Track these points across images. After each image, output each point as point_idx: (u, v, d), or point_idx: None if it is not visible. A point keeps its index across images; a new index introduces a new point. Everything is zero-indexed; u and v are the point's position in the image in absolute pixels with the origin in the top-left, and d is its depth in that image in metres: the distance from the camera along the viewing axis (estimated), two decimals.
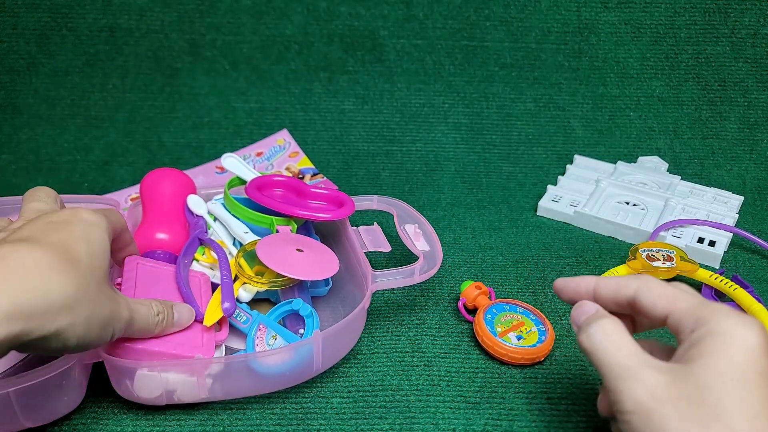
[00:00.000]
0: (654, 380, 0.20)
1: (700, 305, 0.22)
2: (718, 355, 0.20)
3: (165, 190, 0.41)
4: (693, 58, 0.58)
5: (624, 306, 0.25)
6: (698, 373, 0.20)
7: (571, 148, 0.58)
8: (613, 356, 0.22)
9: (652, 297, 0.24)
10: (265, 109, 0.60)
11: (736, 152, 0.57)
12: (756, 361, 0.20)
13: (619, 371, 0.21)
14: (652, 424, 0.20)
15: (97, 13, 0.58)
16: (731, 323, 0.21)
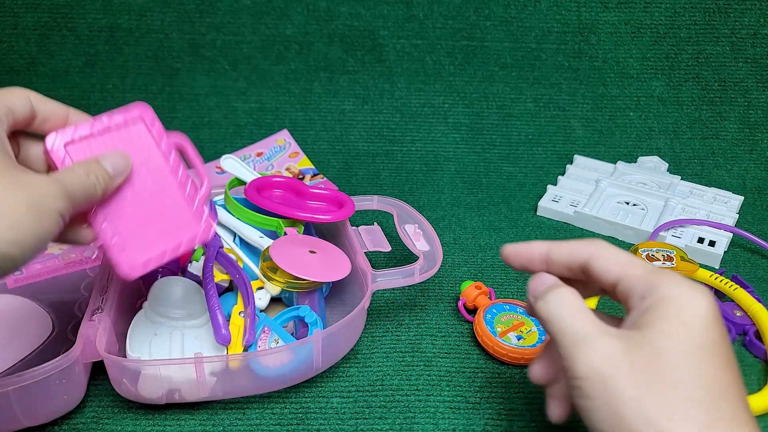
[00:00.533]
0: (610, 347, 0.20)
1: (652, 272, 0.22)
2: (672, 321, 0.20)
3: None
4: (693, 58, 0.58)
5: (576, 271, 0.24)
6: (653, 339, 0.20)
7: (571, 148, 0.58)
8: (569, 323, 0.21)
9: (606, 263, 0.23)
10: (265, 109, 0.60)
11: (736, 152, 0.57)
12: (709, 329, 0.20)
13: (576, 338, 0.21)
14: (607, 390, 0.19)
15: (97, 13, 0.58)
16: (683, 290, 0.21)
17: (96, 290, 0.35)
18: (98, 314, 0.33)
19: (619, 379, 0.19)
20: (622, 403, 0.19)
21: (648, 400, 0.19)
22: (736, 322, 0.38)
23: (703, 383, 0.19)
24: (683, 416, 0.18)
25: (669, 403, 0.19)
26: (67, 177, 0.25)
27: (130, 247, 0.28)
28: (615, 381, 0.19)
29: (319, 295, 0.37)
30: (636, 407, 0.19)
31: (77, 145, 0.27)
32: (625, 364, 0.19)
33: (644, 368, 0.19)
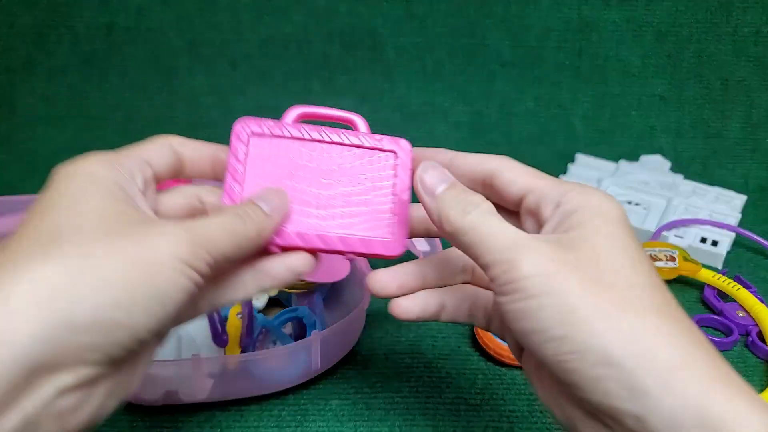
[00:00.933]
0: (547, 248, 0.19)
1: (560, 183, 0.22)
2: (599, 222, 0.20)
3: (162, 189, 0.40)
4: (695, 57, 0.58)
5: (478, 184, 0.23)
6: (587, 236, 0.19)
7: (573, 146, 0.57)
8: (499, 231, 0.20)
9: (512, 175, 0.23)
10: (264, 108, 0.60)
11: (739, 151, 0.56)
12: (629, 231, 0.20)
13: (509, 243, 0.19)
14: (554, 286, 0.18)
15: (95, 12, 0.58)
16: (596, 197, 0.21)
17: None
18: None
19: (564, 274, 0.18)
20: (572, 296, 0.18)
21: (597, 290, 0.18)
22: (739, 323, 0.38)
23: (643, 275, 0.19)
24: (635, 303, 0.18)
25: (619, 292, 0.18)
26: (205, 222, 0.20)
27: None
28: (560, 277, 0.18)
29: (318, 297, 0.37)
30: (586, 298, 0.18)
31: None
32: (566, 261, 0.18)
33: (587, 263, 0.19)
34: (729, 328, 0.38)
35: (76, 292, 0.17)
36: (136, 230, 0.19)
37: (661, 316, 0.18)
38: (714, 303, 0.40)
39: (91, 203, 0.19)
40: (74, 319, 0.16)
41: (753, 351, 0.37)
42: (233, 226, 0.21)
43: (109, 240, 0.18)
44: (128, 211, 0.19)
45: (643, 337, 0.17)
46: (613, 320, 0.17)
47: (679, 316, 0.18)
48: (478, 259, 0.20)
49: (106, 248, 0.18)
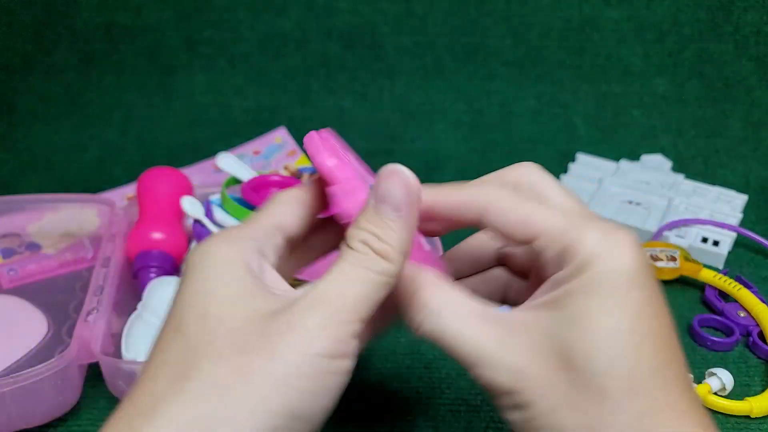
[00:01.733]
0: (513, 360, 0.17)
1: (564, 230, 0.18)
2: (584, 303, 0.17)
3: (161, 189, 0.40)
4: (696, 56, 0.58)
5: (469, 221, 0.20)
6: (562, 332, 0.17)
7: (574, 146, 0.57)
8: (458, 346, 0.18)
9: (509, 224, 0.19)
10: (262, 106, 0.59)
11: (740, 151, 0.56)
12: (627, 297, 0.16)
13: (471, 361, 0.17)
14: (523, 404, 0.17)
15: (93, 10, 0.57)
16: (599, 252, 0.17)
17: (91, 291, 0.34)
18: (93, 315, 0.32)
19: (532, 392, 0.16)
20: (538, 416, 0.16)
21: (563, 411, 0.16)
22: (740, 323, 0.38)
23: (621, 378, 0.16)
24: (600, 424, 0.16)
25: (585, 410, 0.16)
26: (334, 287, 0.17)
27: None
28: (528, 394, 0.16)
29: None
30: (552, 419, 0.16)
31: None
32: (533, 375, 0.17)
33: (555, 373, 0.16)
34: (730, 329, 0.38)
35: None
36: (271, 330, 0.16)
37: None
38: (715, 303, 0.39)
39: (224, 305, 0.17)
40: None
41: (754, 351, 0.37)
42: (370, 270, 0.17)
43: (241, 359, 0.16)
44: (263, 304, 0.17)
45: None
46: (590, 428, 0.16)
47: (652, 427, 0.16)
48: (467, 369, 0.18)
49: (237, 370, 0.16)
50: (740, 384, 0.34)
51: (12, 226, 0.43)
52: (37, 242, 0.42)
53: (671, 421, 0.16)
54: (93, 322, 0.32)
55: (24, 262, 0.41)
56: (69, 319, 0.37)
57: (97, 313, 0.32)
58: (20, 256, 0.41)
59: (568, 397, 0.16)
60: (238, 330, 0.17)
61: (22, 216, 0.43)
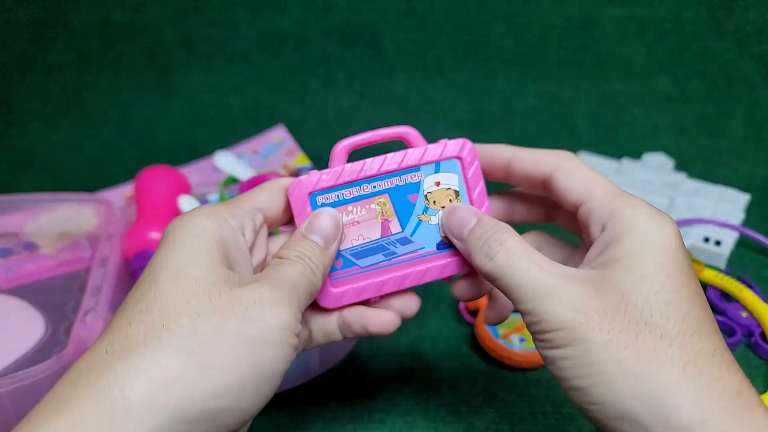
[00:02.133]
0: (575, 295, 0.19)
1: (613, 196, 0.21)
2: (638, 257, 0.19)
3: (159, 188, 0.40)
4: (698, 54, 0.57)
5: (538, 185, 0.23)
6: (619, 278, 0.19)
7: (575, 144, 0.57)
8: (524, 278, 0.19)
9: (571, 181, 0.21)
10: (261, 105, 0.59)
11: (743, 150, 0.56)
12: (676, 260, 0.19)
13: (535, 292, 0.19)
14: (578, 339, 0.18)
15: (91, 9, 0.57)
16: (646, 221, 0.20)
17: (88, 291, 0.34)
18: (91, 315, 0.32)
19: (589, 326, 0.18)
20: (594, 349, 0.18)
21: (620, 343, 0.18)
22: (742, 323, 0.37)
23: (676, 320, 0.18)
24: (659, 357, 0.17)
25: (642, 344, 0.18)
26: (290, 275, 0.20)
27: None
28: (585, 328, 0.18)
29: None
30: (608, 351, 0.18)
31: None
32: (593, 309, 0.18)
33: (614, 311, 0.18)
34: (732, 329, 0.37)
35: (187, 383, 0.17)
36: (242, 302, 0.19)
37: (687, 370, 0.17)
38: (717, 303, 0.39)
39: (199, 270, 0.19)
40: (186, 413, 0.17)
41: (756, 351, 0.36)
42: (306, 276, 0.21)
43: (217, 319, 0.18)
44: (234, 278, 0.19)
45: (664, 395, 0.17)
46: (634, 377, 0.17)
47: (708, 367, 0.18)
48: (514, 304, 0.21)
49: (214, 329, 0.18)
50: None
51: (9, 225, 0.42)
52: (35, 242, 0.42)
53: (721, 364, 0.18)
54: (90, 323, 0.32)
55: (21, 262, 0.40)
56: (67, 319, 0.36)
57: (95, 313, 0.32)
58: (18, 256, 0.41)
59: (626, 332, 0.18)
60: (212, 293, 0.19)
61: (19, 215, 0.42)
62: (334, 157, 0.24)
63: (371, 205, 0.24)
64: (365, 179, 0.24)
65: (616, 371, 0.17)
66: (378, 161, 0.24)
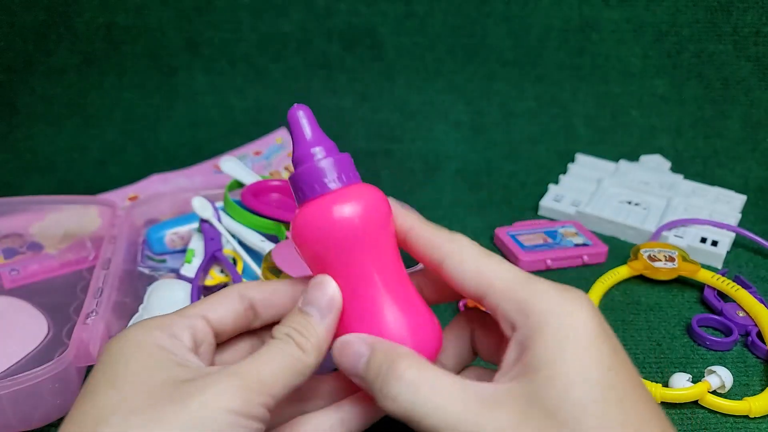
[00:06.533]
0: (502, 424, 0.17)
1: (517, 287, 0.19)
2: (558, 364, 0.17)
3: None
4: (695, 57, 0.58)
5: (435, 268, 0.21)
6: (543, 394, 0.17)
7: (573, 146, 0.57)
8: (440, 418, 0.17)
9: (462, 273, 0.20)
10: (263, 107, 0.59)
11: (739, 151, 0.56)
12: (600, 353, 0.17)
13: (449, 425, 0.17)
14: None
15: (95, 11, 0.58)
16: (558, 312, 0.18)
17: (90, 293, 0.34)
18: (93, 317, 0.32)
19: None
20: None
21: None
22: (739, 323, 0.38)
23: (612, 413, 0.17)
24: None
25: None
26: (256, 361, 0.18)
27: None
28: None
29: None
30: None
31: None
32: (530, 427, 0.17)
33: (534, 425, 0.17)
34: (729, 328, 0.38)
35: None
36: (182, 391, 0.17)
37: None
38: (714, 303, 0.40)
39: (135, 375, 0.18)
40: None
41: (752, 351, 0.37)
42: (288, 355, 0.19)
43: (153, 411, 0.17)
44: (174, 373, 0.18)
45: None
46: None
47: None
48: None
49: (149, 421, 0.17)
50: (739, 384, 0.34)
51: (14, 226, 0.43)
52: (39, 242, 0.43)
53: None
54: (92, 325, 0.32)
55: (26, 262, 0.41)
56: (70, 320, 0.37)
57: (96, 315, 0.32)
58: (22, 256, 0.41)
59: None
60: (150, 391, 0.18)
61: (24, 216, 0.43)
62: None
63: None
64: None
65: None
66: None
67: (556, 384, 0.17)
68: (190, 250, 0.39)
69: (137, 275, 0.40)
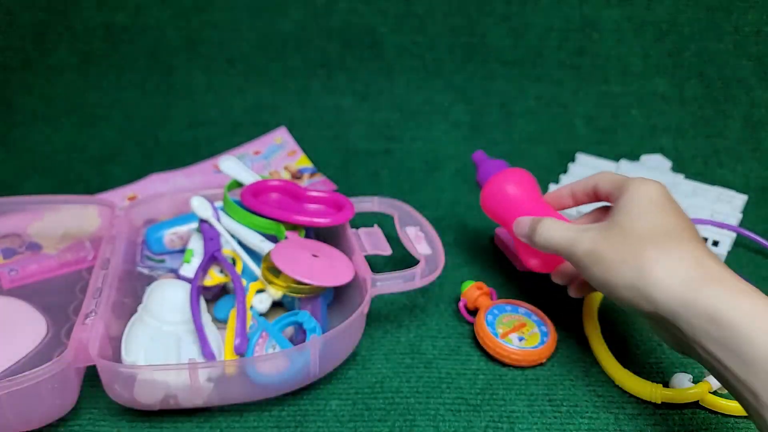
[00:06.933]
0: (591, 236, 0.31)
1: (624, 179, 0.32)
2: (630, 204, 0.30)
3: None
4: (696, 56, 0.58)
5: (591, 195, 0.35)
6: (619, 218, 0.30)
7: (574, 146, 0.57)
8: (560, 238, 0.32)
9: (604, 183, 0.34)
10: (262, 106, 0.59)
11: (740, 151, 0.56)
12: (656, 200, 0.30)
13: (568, 242, 0.31)
14: (596, 259, 0.30)
15: (93, 11, 0.58)
16: (638, 184, 0.31)
17: (89, 293, 0.34)
18: (91, 318, 0.32)
19: (601, 249, 0.30)
20: (608, 262, 0.29)
21: (622, 253, 0.29)
22: None
23: (658, 227, 0.29)
24: (649, 252, 0.28)
25: (637, 248, 0.28)
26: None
27: None
28: (599, 251, 0.30)
29: (322, 301, 0.36)
30: (616, 259, 0.29)
31: None
32: (602, 239, 0.30)
33: (616, 237, 0.29)
34: None
35: None
36: None
37: (660, 250, 0.28)
38: None
39: None
40: None
41: None
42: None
43: None
44: None
45: (642, 264, 0.28)
46: (625, 264, 0.29)
47: (677, 248, 0.28)
48: (559, 252, 0.32)
49: None
50: None
51: (13, 226, 0.43)
52: (38, 242, 0.42)
53: (688, 247, 0.28)
54: (91, 325, 0.32)
55: (25, 262, 0.41)
56: (69, 320, 0.37)
57: (95, 315, 0.32)
58: (21, 256, 0.41)
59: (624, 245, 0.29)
60: None
61: (22, 216, 0.43)
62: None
63: None
64: None
65: (614, 264, 0.29)
66: None
67: (626, 213, 0.30)
68: (189, 250, 0.39)
69: (136, 275, 0.40)
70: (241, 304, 0.34)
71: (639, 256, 0.28)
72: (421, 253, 0.37)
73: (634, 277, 0.28)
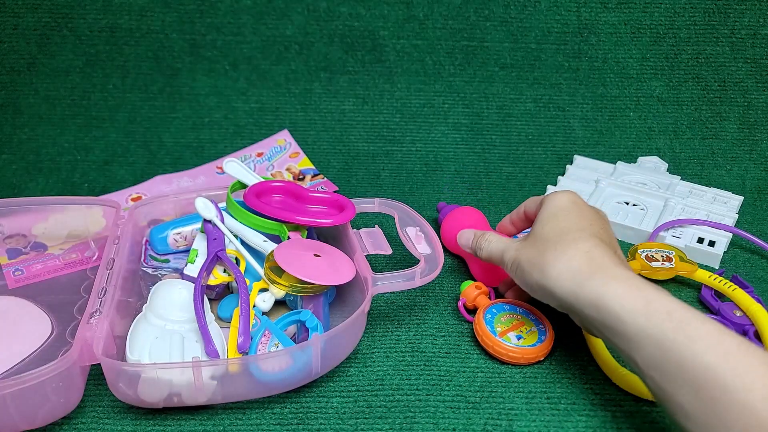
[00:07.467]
0: (516, 245, 0.35)
1: (544, 197, 0.37)
2: (542, 214, 0.35)
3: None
4: (693, 59, 0.58)
5: (524, 218, 0.39)
6: (534, 229, 0.35)
7: (571, 148, 0.58)
8: (496, 248, 0.36)
9: (529, 204, 0.38)
10: (265, 109, 0.60)
11: (736, 152, 0.57)
12: (563, 207, 0.34)
13: (500, 252, 0.36)
14: (519, 265, 0.34)
15: (98, 14, 0.58)
16: (551, 196, 0.36)
17: (94, 292, 0.34)
18: (96, 317, 0.33)
19: (520, 256, 0.34)
20: (524, 266, 0.33)
21: (532, 257, 0.33)
22: (736, 322, 0.38)
23: (558, 230, 0.33)
24: (549, 253, 0.32)
25: (542, 251, 0.33)
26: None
27: None
28: (518, 258, 0.34)
29: (324, 300, 0.37)
30: (529, 263, 0.33)
31: None
32: (522, 248, 0.34)
33: (530, 245, 0.34)
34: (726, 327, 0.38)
35: None
36: None
37: (557, 250, 0.32)
38: (711, 303, 0.40)
39: None
40: None
41: None
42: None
43: None
44: None
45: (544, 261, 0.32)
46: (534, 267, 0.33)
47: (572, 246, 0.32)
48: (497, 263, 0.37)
49: None
50: None
51: (18, 226, 0.43)
52: (43, 243, 0.43)
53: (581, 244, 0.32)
54: (96, 324, 0.32)
55: (30, 262, 0.41)
56: (73, 320, 0.37)
57: (100, 314, 0.33)
58: (26, 257, 0.42)
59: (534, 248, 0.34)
60: None
61: (27, 217, 0.43)
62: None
63: None
64: None
65: (528, 263, 0.33)
66: None
67: (540, 224, 0.35)
68: (193, 250, 0.39)
69: (141, 275, 0.40)
70: (244, 303, 0.34)
71: (542, 259, 0.32)
72: (421, 252, 0.38)
73: (540, 277, 0.32)
